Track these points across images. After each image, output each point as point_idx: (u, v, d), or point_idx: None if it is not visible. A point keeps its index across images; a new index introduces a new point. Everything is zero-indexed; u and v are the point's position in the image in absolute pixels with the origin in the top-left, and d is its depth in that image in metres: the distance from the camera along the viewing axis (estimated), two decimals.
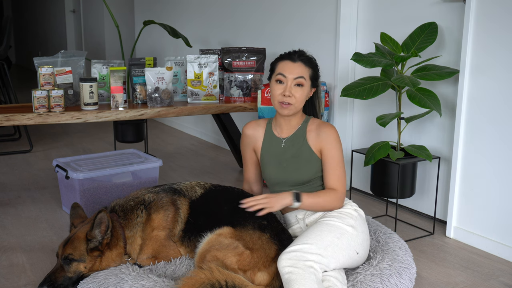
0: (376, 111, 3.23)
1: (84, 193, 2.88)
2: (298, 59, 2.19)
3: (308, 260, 1.86)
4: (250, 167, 2.41)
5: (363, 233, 2.11)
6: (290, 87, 2.16)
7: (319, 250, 1.91)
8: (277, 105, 2.19)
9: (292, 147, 2.26)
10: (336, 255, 1.95)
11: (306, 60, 2.21)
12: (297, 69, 2.17)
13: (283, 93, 2.16)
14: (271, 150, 2.29)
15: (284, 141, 2.28)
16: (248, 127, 2.36)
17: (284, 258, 1.87)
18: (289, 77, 2.16)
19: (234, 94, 3.52)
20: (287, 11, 3.81)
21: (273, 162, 2.27)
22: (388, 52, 2.73)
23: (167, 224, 2.21)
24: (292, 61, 2.19)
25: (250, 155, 2.38)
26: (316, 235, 1.97)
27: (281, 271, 1.85)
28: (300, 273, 1.81)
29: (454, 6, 2.74)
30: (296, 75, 2.16)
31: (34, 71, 9.13)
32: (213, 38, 4.72)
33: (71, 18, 8.72)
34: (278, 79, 2.18)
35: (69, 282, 2.05)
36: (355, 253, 2.04)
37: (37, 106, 2.94)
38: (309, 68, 2.21)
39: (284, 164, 2.25)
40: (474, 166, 2.63)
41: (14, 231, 2.79)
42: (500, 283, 2.29)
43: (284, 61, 2.20)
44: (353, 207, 2.18)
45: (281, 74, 2.18)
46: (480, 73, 2.56)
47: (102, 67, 3.36)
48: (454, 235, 2.76)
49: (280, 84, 2.18)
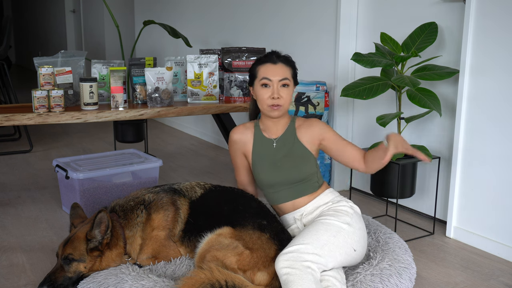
0: (376, 111, 3.23)
1: (84, 193, 2.88)
2: (278, 60, 2.21)
3: (305, 260, 1.86)
4: (242, 171, 2.39)
5: (360, 230, 2.10)
6: (277, 89, 2.17)
7: (315, 249, 1.91)
8: (266, 108, 2.21)
9: (284, 146, 2.26)
10: (333, 254, 1.95)
11: (285, 60, 2.24)
12: (280, 70, 2.19)
13: (271, 96, 2.17)
14: (262, 152, 2.29)
15: (276, 141, 2.28)
16: (235, 132, 2.35)
17: (282, 260, 1.87)
18: (274, 80, 2.18)
19: (234, 94, 3.52)
20: (287, 11, 3.81)
21: (267, 164, 2.26)
22: (388, 52, 2.73)
23: (167, 224, 2.21)
24: (273, 63, 2.20)
25: (240, 159, 2.36)
26: (312, 235, 1.97)
27: (279, 272, 1.86)
28: (298, 273, 1.81)
29: (454, 6, 2.74)
30: (281, 76, 2.18)
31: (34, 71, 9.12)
32: (213, 38, 4.72)
33: (71, 18, 8.72)
34: (264, 83, 2.19)
35: (69, 282, 2.05)
36: (352, 250, 2.04)
37: (37, 106, 2.94)
38: (289, 67, 2.23)
39: (279, 164, 2.24)
40: (474, 166, 2.63)
41: (14, 231, 2.79)
42: (500, 283, 2.29)
43: (265, 64, 2.21)
44: (349, 203, 2.18)
45: (266, 78, 2.19)
46: (480, 73, 2.56)
47: (102, 67, 3.36)
48: (454, 235, 2.76)
49: (267, 88, 2.19)
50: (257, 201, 2.25)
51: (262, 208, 2.22)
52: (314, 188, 2.24)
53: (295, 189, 2.23)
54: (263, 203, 2.28)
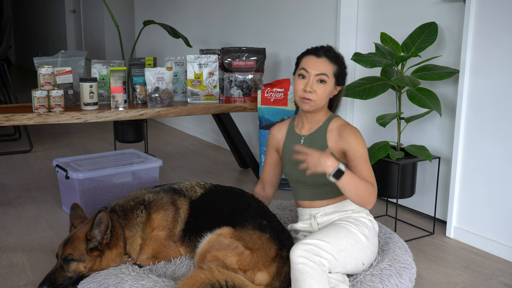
0: (376, 111, 3.23)
1: (84, 193, 2.88)
2: (323, 54, 2.09)
3: (322, 257, 1.85)
4: (267, 168, 2.35)
5: (374, 246, 2.09)
6: (312, 83, 2.06)
7: (333, 251, 1.90)
8: (298, 99, 2.11)
9: (311, 146, 2.14)
10: (346, 261, 1.95)
11: (332, 56, 2.10)
12: (321, 65, 2.07)
13: (304, 88, 2.07)
14: (291, 147, 2.20)
15: (304, 138, 2.19)
16: (274, 128, 2.31)
17: (300, 249, 1.84)
18: (312, 73, 2.07)
19: (234, 94, 3.52)
20: (287, 11, 3.81)
21: (292, 160, 2.17)
22: (388, 52, 2.73)
23: (167, 224, 2.21)
24: (316, 56, 2.09)
25: (270, 155, 2.33)
26: (334, 236, 1.95)
27: (295, 260, 1.83)
28: (315, 267, 1.81)
29: (454, 6, 2.74)
30: (319, 71, 2.06)
31: (34, 71, 9.13)
32: (213, 38, 4.72)
33: (71, 18, 8.72)
34: (301, 74, 2.09)
35: (69, 282, 2.05)
36: (361, 264, 2.03)
37: (37, 106, 2.94)
38: (334, 64, 2.09)
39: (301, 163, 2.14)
40: (474, 166, 2.63)
41: (14, 231, 2.79)
42: (500, 283, 2.29)
43: (309, 56, 2.11)
44: (369, 217, 2.14)
45: (304, 69, 2.08)
46: (480, 73, 2.56)
47: (102, 67, 3.36)
48: (454, 235, 2.76)
49: (302, 79, 2.09)
50: (257, 201, 2.25)
51: (262, 208, 2.22)
52: (336, 194, 2.15)
53: (315, 191, 2.17)
54: (263, 203, 2.28)
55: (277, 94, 3.40)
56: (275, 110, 3.41)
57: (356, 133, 2.09)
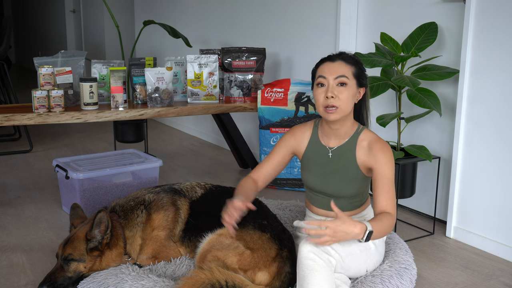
0: (376, 111, 3.23)
1: (84, 193, 2.88)
2: (337, 58, 2.00)
3: (331, 256, 1.84)
4: (270, 164, 2.19)
5: (380, 256, 2.09)
6: (333, 87, 1.94)
7: (342, 253, 1.89)
8: (322, 111, 1.97)
9: (339, 160, 2.06)
10: (351, 265, 1.94)
11: (347, 57, 2.01)
12: (338, 67, 1.96)
13: (325, 95, 1.95)
14: (316, 158, 2.11)
15: (332, 151, 2.07)
16: (299, 127, 2.17)
17: (311, 244, 1.80)
18: (330, 78, 1.95)
19: (234, 94, 3.52)
20: (287, 11, 3.81)
21: (317, 171, 2.10)
22: (388, 52, 2.73)
23: (167, 224, 2.21)
24: (331, 61, 1.99)
25: (281, 153, 2.18)
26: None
27: (303, 255, 1.80)
28: (324, 265, 1.79)
29: (454, 6, 2.74)
30: (337, 74, 1.95)
31: (34, 71, 9.12)
32: (213, 38, 4.72)
33: (71, 18, 8.72)
34: (319, 82, 1.98)
35: (69, 282, 2.05)
36: (364, 270, 2.03)
37: (37, 106, 2.94)
38: (351, 65, 1.99)
39: (327, 176, 2.08)
40: (474, 166, 2.63)
41: (14, 231, 2.79)
42: (500, 283, 2.29)
43: (323, 63, 2.01)
44: None
45: (321, 76, 1.97)
46: (480, 73, 2.56)
47: (102, 67, 3.36)
48: (454, 235, 2.76)
49: (322, 88, 1.97)
50: (257, 201, 2.25)
51: (263, 208, 2.23)
52: (355, 206, 2.13)
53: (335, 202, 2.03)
54: (263, 203, 2.28)
55: (277, 94, 3.40)
56: (275, 110, 3.41)
57: (387, 151, 1.99)
